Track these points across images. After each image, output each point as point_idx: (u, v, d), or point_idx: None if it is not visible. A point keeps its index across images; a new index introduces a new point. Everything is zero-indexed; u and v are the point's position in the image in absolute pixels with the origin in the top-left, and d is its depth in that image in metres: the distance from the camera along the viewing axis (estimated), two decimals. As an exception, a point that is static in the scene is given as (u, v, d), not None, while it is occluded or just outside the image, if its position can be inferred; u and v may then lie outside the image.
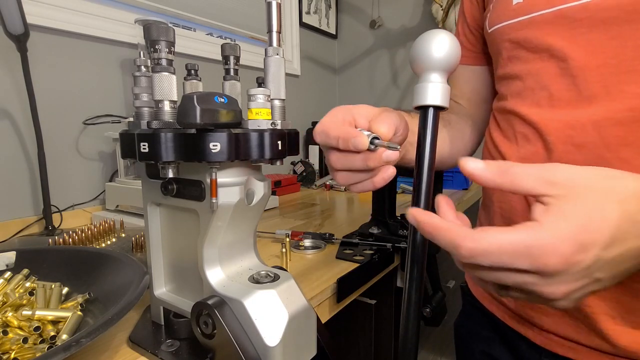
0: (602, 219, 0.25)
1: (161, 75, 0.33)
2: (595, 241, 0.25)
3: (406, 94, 1.74)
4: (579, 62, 0.43)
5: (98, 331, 0.32)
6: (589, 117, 0.42)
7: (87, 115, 0.93)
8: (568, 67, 0.44)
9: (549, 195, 0.26)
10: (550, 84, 0.46)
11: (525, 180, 0.27)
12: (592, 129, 0.42)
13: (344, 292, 0.57)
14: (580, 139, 0.43)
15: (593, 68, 0.42)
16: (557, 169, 0.27)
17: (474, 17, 0.60)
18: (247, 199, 0.38)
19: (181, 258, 0.42)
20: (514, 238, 0.25)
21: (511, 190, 0.28)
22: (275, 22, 0.36)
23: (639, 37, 0.40)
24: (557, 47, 0.44)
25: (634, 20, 0.40)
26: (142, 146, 0.33)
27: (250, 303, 0.34)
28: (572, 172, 0.27)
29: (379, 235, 0.74)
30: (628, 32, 0.40)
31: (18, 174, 0.84)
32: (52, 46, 0.88)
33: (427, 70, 0.33)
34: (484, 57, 0.60)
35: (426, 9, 1.63)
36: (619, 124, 0.41)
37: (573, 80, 0.44)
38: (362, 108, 0.39)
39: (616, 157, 0.41)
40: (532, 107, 0.48)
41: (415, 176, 0.34)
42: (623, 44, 0.40)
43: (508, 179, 0.28)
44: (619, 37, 0.41)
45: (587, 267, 0.26)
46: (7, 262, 0.50)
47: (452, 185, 1.38)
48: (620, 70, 0.41)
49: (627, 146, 0.41)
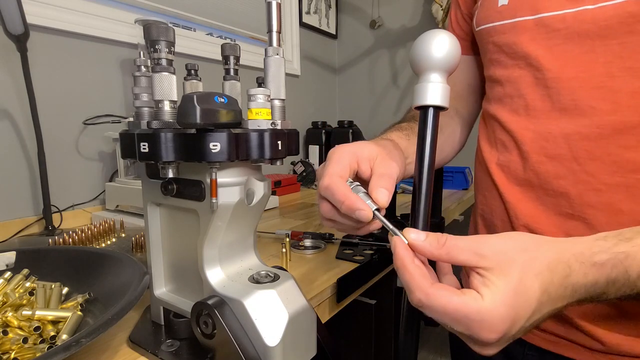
0: (525, 296, 0.28)
1: (161, 75, 0.33)
2: (521, 317, 0.28)
3: (406, 94, 1.74)
4: (553, 74, 0.44)
5: (98, 331, 0.32)
6: (561, 129, 0.43)
7: (87, 115, 0.93)
8: (543, 78, 0.44)
9: (480, 267, 0.29)
10: (526, 92, 0.46)
11: (459, 254, 0.30)
12: (563, 142, 0.43)
13: (344, 292, 0.57)
14: (552, 151, 0.44)
15: (565, 80, 0.43)
16: (485, 243, 0.30)
17: (466, 5, 0.60)
18: (247, 199, 0.38)
19: (181, 258, 0.42)
20: (458, 306, 0.28)
21: (449, 262, 0.31)
22: (275, 22, 0.36)
23: (609, 53, 0.40)
24: (533, 56, 0.45)
25: (607, 35, 0.40)
26: (142, 146, 0.33)
27: (250, 303, 0.34)
28: (496, 245, 0.30)
29: (379, 235, 0.74)
30: (600, 47, 0.41)
31: (18, 174, 0.84)
32: (52, 46, 0.88)
33: (427, 70, 0.33)
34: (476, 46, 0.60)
35: (426, 9, 1.63)
36: (586, 139, 0.42)
37: (547, 91, 0.44)
38: (365, 151, 0.39)
39: (583, 170, 0.42)
40: (511, 115, 0.49)
41: (416, 176, 0.34)
42: (595, 58, 0.41)
43: (444, 251, 0.30)
44: (591, 52, 0.41)
45: (512, 336, 0.29)
46: (7, 262, 0.50)
47: (452, 185, 1.38)
48: (590, 84, 0.41)
49: (593, 160, 0.42)
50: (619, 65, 0.40)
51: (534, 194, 0.46)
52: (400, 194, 1.30)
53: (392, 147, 0.45)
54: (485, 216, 0.54)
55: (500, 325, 0.27)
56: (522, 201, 0.47)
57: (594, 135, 0.41)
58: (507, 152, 0.49)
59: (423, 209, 0.34)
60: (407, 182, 1.31)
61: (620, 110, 0.40)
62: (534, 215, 0.46)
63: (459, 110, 0.64)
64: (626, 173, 0.40)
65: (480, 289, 0.28)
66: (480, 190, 0.56)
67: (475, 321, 0.27)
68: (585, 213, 0.43)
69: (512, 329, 0.28)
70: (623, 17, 0.39)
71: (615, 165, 0.41)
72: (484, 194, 0.54)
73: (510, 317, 0.28)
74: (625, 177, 0.40)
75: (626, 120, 0.40)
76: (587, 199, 0.42)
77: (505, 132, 0.49)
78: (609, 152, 0.41)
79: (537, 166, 0.45)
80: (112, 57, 0.99)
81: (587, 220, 0.43)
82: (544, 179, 0.45)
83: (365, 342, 0.75)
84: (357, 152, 0.38)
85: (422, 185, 0.34)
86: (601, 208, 0.42)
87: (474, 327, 0.28)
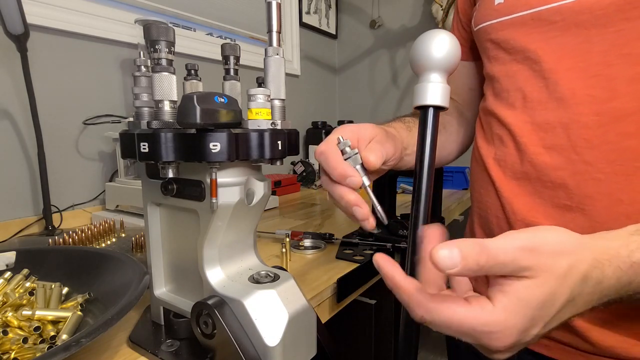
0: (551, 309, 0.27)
1: (161, 75, 0.33)
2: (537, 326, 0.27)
3: (406, 94, 1.74)
4: (550, 65, 0.44)
5: (98, 331, 0.32)
6: (559, 119, 0.43)
7: (87, 115, 0.93)
8: (541, 70, 0.45)
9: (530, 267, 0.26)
10: (524, 85, 0.47)
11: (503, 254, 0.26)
12: (561, 131, 0.43)
13: (344, 292, 0.57)
14: (550, 141, 0.44)
15: (562, 71, 0.43)
16: (535, 236, 0.27)
17: (465, 13, 0.61)
18: (247, 199, 0.38)
19: (181, 258, 0.42)
20: (463, 318, 0.26)
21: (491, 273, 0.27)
22: (275, 22, 0.36)
23: (605, 42, 0.40)
24: (531, 49, 0.45)
25: (602, 24, 0.40)
26: (142, 146, 0.33)
27: (250, 303, 0.34)
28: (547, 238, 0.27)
29: (378, 235, 0.74)
30: (596, 37, 0.41)
31: (18, 174, 0.84)
32: (52, 46, 0.88)
33: (427, 70, 0.33)
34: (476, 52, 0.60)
35: (426, 9, 1.63)
36: (585, 127, 0.42)
37: (545, 82, 0.45)
38: (366, 131, 0.41)
39: (582, 159, 0.42)
40: (508, 109, 0.49)
41: (416, 176, 0.34)
42: (590, 48, 0.41)
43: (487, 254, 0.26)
44: (587, 42, 0.41)
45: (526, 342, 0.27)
46: (7, 262, 0.50)
47: (452, 185, 1.38)
48: (587, 74, 0.42)
49: (591, 149, 0.41)
50: (616, 53, 0.40)
51: (531, 187, 0.46)
52: (400, 194, 1.30)
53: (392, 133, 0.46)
54: (481, 214, 0.54)
55: (511, 337, 0.26)
56: (519, 195, 0.47)
57: (593, 123, 0.41)
58: (504, 147, 0.49)
59: (423, 209, 0.34)
60: (407, 182, 1.31)
61: (618, 97, 0.40)
62: (531, 209, 0.46)
63: (463, 112, 0.64)
64: (625, 161, 0.40)
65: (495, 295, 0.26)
66: (476, 188, 0.56)
67: (483, 332, 0.26)
68: (584, 204, 0.42)
69: (525, 337, 0.27)
70: (620, 5, 0.39)
71: (614, 153, 0.40)
72: (480, 191, 0.54)
73: (524, 327, 0.26)
74: (624, 166, 0.40)
75: (624, 107, 0.40)
76: (586, 189, 0.42)
77: (502, 126, 0.49)
78: (608, 140, 0.40)
79: (535, 157, 0.45)
80: (112, 57, 0.99)
81: (586, 211, 0.42)
82: (542, 170, 0.45)
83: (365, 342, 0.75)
84: (359, 132, 0.40)
85: (422, 185, 0.34)
86: (600, 198, 0.41)
87: (482, 339, 0.26)
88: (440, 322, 0.27)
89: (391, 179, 0.78)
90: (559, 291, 0.26)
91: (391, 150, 0.41)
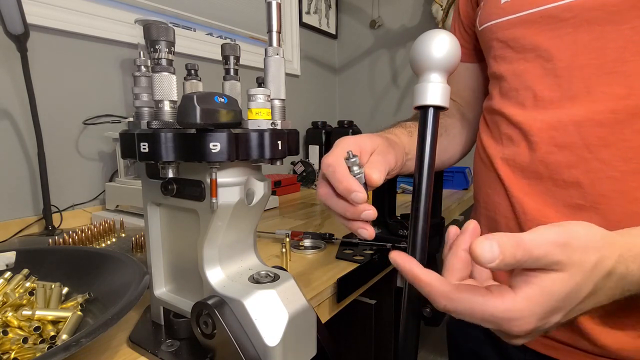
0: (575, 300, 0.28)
1: (161, 75, 0.33)
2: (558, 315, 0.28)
3: (406, 94, 1.74)
4: (564, 63, 0.43)
5: (98, 331, 0.32)
6: (571, 117, 0.43)
7: (87, 115, 0.93)
8: (553, 68, 0.44)
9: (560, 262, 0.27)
10: (534, 84, 0.46)
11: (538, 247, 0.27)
12: (573, 130, 0.43)
13: (344, 292, 0.57)
14: (562, 139, 0.43)
15: (577, 68, 0.43)
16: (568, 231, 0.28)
17: (467, 15, 0.60)
18: (247, 199, 0.38)
19: (181, 258, 0.42)
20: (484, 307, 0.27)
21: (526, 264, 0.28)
22: (275, 22, 0.36)
23: (621, 38, 0.40)
24: (543, 47, 0.45)
25: (617, 21, 0.40)
26: (142, 146, 0.33)
27: (250, 303, 0.34)
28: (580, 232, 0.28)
29: (378, 235, 0.74)
30: (611, 33, 0.40)
31: (18, 174, 0.84)
32: (52, 46, 0.88)
33: (427, 70, 0.33)
34: (478, 54, 0.60)
35: (426, 9, 1.63)
36: (599, 125, 0.41)
37: (557, 80, 0.44)
38: (368, 143, 0.41)
39: (596, 157, 0.42)
40: (517, 108, 0.48)
41: (416, 176, 0.34)
42: (605, 45, 0.41)
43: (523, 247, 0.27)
44: (602, 38, 0.41)
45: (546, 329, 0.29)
46: (7, 262, 0.50)
47: (452, 185, 1.38)
48: (602, 71, 0.41)
49: (607, 147, 0.41)
50: (632, 50, 0.39)
51: (543, 186, 0.45)
52: (400, 194, 1.30)
53: (393, 141, 0.46)
54: (489, 214, 0.53)
55: (531, 324, 0.27)
56: (529, 195, 0.47)
57: (608, 121, 0.41)
58: (514, 146, 0.48)
59: (423, 209, 0.34)
60: (407, 182, 1.31)
61: (635, 94, 0.39)
62: (542, 209, 0.45)
63: (465, 114, 0.64)
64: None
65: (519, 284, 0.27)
66: (482, 188, 0.55)
67: (504, 320, 0.27)
68: (598, 203, 0.42)
69: (545, 325, 0.28)
70: (634, 2, 0.38)
71: (631, 151, 0.40)
72: (487, 191, 0.53)
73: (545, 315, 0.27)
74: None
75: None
76: (600, 188, 0.41)
77: (512, 125, 0.48)
78: (624, 138, 0.40)
79: (546, 156, 0.44)
80: (112, 57, 0.99)
81: (600, 209, 0.42)
82: (554, 169, 0.44)
83: (365, 342, 0.75)
84: (361, 143, 0.41)
85: (422, 185, 0.34)
86: (615, 197, 0.41)
87: (503, 325, 0.28)
88: (463, 310, 0.28)
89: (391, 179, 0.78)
90: (584, 284, 0.27)
91: (393, 161, 0.42)
